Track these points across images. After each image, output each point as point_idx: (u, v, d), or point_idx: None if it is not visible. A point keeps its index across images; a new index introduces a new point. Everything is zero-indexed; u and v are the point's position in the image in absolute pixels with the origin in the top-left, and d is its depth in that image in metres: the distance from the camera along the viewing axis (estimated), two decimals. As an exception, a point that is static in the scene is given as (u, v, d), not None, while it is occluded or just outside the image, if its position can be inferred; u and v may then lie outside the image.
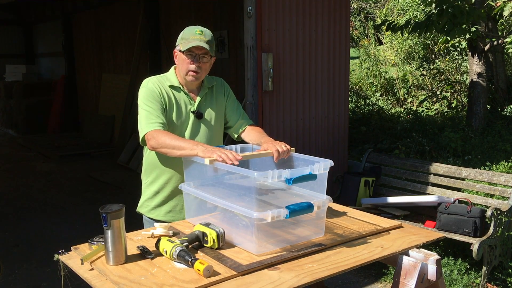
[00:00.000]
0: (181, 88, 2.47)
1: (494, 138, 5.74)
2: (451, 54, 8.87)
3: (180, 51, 2.40)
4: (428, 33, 7.61)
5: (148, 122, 2.35)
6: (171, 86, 2.46)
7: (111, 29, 9.65)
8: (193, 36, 2.36)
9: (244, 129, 2.58)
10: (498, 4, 5.50)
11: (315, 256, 1.94)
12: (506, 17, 5.88)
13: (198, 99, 2.49)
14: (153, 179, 2.52)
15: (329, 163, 2.06)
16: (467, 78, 7.46)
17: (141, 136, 2.37)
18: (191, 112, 2.47)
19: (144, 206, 2.58)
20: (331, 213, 2.44)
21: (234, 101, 2.64)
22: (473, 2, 5.73)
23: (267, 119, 4.44)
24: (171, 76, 2.50)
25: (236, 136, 2.62)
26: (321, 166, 2.03)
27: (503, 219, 3.80)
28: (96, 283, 1.75)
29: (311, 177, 1.99)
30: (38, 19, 12.49)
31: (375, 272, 4.09)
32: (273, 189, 2.23)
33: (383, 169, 4.80)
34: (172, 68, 2.54)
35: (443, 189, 4.35)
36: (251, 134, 2.53)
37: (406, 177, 4.68)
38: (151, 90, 2.41)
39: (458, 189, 4.28)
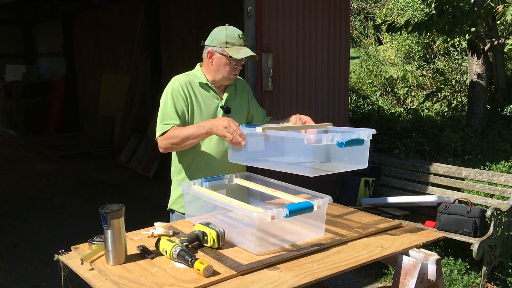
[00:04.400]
0: (209, 85, 2.54)
1: (494, 138, 5.74)
2: (451, 54, 8.87)
3: (222, 54, 2.43)
4: (428, 33, 7.61)
5: (161, 123, 2.45)
6: (201, 84, 2.53)
7: (111, 29, 9.65)
8: (238, 41, 2.43)
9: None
10: (499, 10, 5.49)
11: (315, 256, 1.94)
12: (509, 21, 5.88)
13: (225, 95, 2.57)
14: (184, 176, 2.58)
15: (372, 131, 2.15)
16: (467, 78, 7.46)
17: (156, 135, 2.48)
18: (220, 107, 2.54)
19: (177, 203, 2.63)
20: (331, 213, 2.44)
21: (256, 101, 2.78)
22: (472, 2, 5.73)
23: (267, 119, 4.43)
24: (198, 74, 2.56)
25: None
26: (366, 133, 2.13)
27: (503, 219, 3.80)
28: (96, 283, 1.75)
29: (359, 141, 2.08)
30: (38, 19, 12.49)
31: (375, 272, 4.09)
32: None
33: (383, 169, 4.80)
34: (198, 65, 2.60)
35: (443, 189, 4.35)
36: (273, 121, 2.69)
37: (406, 177, 4.68)
38: (177, 90, 2.48)
39: (458, 189, 4.28)
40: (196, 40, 7.36)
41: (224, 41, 2.42)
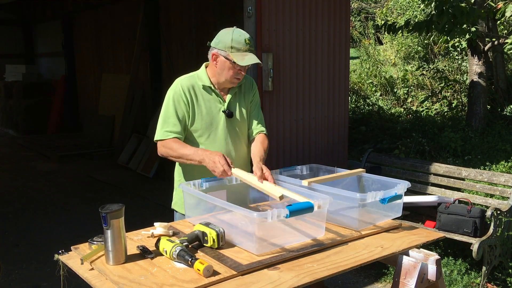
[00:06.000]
0: (212, 88, 2.50)
1: (494, 138, 5.74)
2: (451, 54, 8.87)
3: (226, 58, 2.39)
4: (429, 33, 7.61)
5: (163, 128, 2.44)
6: (204, 87, 2.49)
7: (111, 29, 9.65)
8: (243, 47, 2.37)
9: (254, 138, 2.61)
10: (499, 6, 5.49)
11: (315, 256, 1.94)
12: (507, 18, 5.88)
13: (228, 97, 2.53)
14: (188, 178, 2.55)
15: (407, 183, 2.32)
16: (467, 78, 7.46)
17: (155, 137, 2.47)
18: (222, 111, 2.51)
19: (179, 204, 2.60)
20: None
21: (257, 104, 2.67)
22: (473, 2, 5.73)
23: (267, 119, 4.42)
24: (202, 75, 2.52)
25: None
26: (402, 187, 2.30)
27: (503, 219, 3.80)
28: (96, 283, 1.75)
29: (399, 196, 2.25)
30: (38, 19, 12.49)
31: (375, 272, 4.09)
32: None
33: (383, 169, 4.79)
34: (203, 66, 2.56)
35: (443, 189, 4.35)
36: (253, 147, 2.55)
37: (406, 177, 4.67)
38: (178, 94, 2.45)
39: (458, 189, 4.28)
40: (196, 40, 7.36)
41: (230, 45, 2.36)
